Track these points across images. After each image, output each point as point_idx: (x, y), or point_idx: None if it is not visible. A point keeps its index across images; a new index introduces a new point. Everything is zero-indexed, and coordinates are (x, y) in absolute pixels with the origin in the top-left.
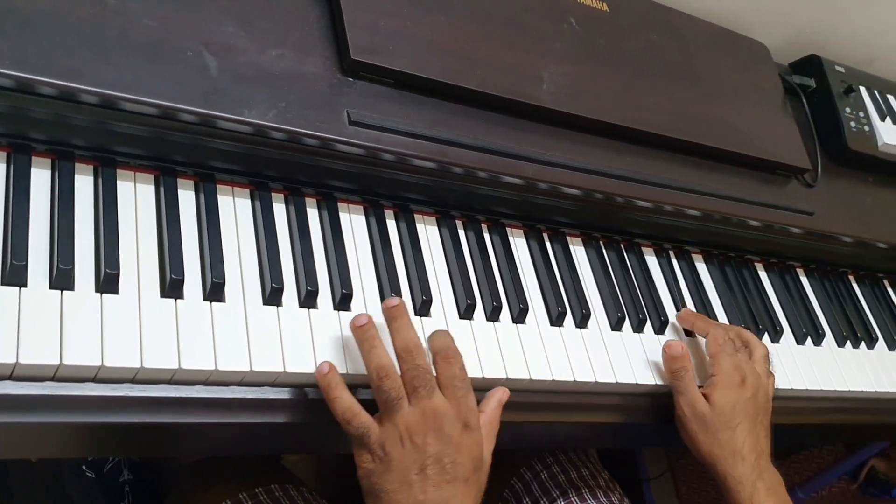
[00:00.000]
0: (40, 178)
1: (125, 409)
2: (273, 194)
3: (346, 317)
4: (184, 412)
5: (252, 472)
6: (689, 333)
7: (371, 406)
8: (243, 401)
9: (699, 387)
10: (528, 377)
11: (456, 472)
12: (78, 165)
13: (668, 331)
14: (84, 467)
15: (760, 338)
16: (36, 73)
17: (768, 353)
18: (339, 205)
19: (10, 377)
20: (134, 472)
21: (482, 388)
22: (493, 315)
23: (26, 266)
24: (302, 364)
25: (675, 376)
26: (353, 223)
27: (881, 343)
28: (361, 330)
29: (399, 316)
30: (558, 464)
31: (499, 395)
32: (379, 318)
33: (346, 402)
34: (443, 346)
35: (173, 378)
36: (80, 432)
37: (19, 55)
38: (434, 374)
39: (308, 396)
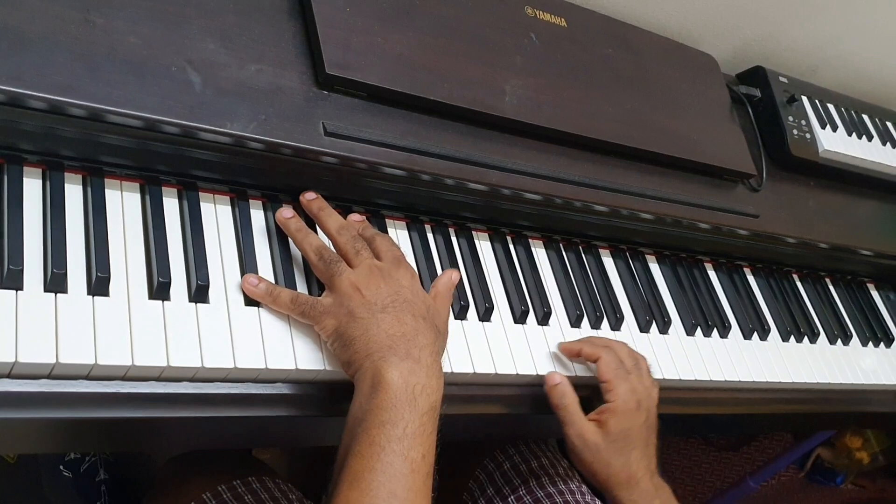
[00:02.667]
0: (32, 188)
1: (116, 405)
2: (252, 201)
3: None
4: (172, 407)
5: (229, 467)
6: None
7: None
8: (228, 396)
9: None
10: (493, 371)
11: (415, 310)
12: (67, 175)
13: (623, 327)
14: (61, 467)
15: (709, 334)
16: (31, 88)
17: (647, 363)
18: None
19: (9, 375)
20: (110, 472)
21: (451, 382)
22: (460, 314)
23: (22, 271)
24: (282, 360)
25: (558, 407)
26: None
27: (822, 337)
28: (292, 221)
29: (324, 205)
30: (520, 454)
31: (449, 273)
32: None
33: (287, 293)
34: (376, 231)
35: (162, 375)
36: (74, 427)
37: (14, 72)
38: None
39: (290, 392)
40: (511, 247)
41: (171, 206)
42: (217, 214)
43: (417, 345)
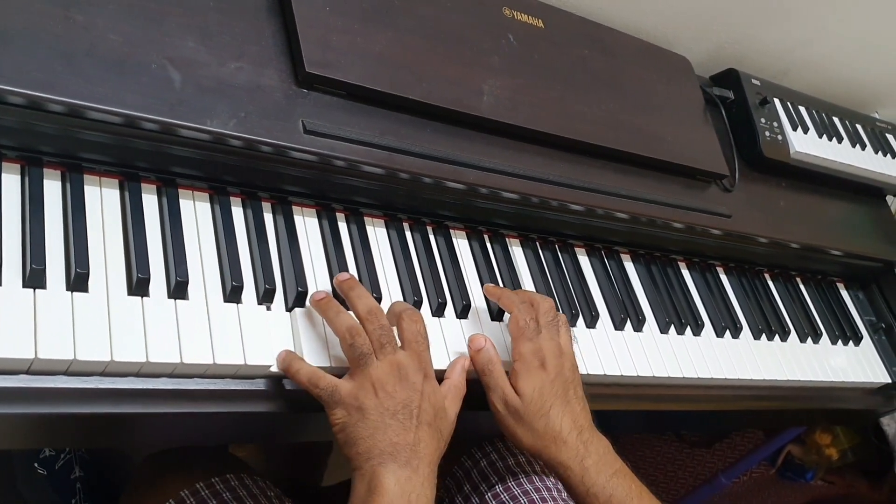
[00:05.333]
0: (11, 183)
1: (96, 400)
2: (231, 198)
3: (301, 313)
4: (151, 403)
5: (207, 464)
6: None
7: None
8: (207, 392)
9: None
10: (470, 368)
11: (422, 417)
12: (46, 171)
13: (598, 325)
14: (36, 465)
15: (683, 332)
16: (10, 84)
17: (565, 318)
18: (294, 208)
19: None
20: (85, 469)
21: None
22: (438, 311)
23: (0, 266)
24: (261, 357)
25: (483, 371)
26: (307, 225)
27: (793, 335)
28: (324, 302)
29: (356, 285)
30: (497, 451)
31: (461, 362)
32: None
33: (308, 370)
34: (406, 307)
35: (141, 371)
36: (51, 423)
37: None
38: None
39: (269, 388)
40: (488, 245)
41: (150, 202)
42: (196, 211)
43: (418, 455)
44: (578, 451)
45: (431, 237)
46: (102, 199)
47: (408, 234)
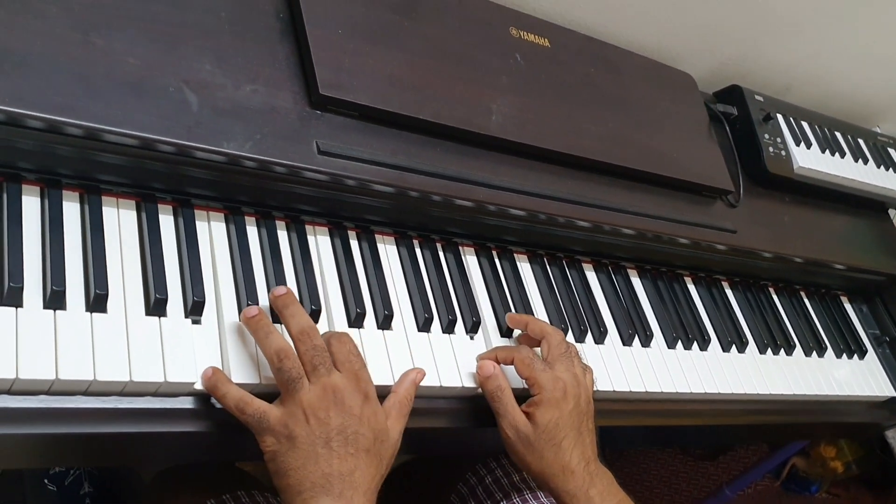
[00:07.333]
0: (31, 205)
1: (114, 420)
2: (246, 218)
3: None
4: (169, 422)
5: (217, 480)
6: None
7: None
8: (225, 410)
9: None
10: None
11: (359, 444)
12: (65, 193)
13: (607, 340)
14: (46, 481)
15: (690, 347)
16: (31, 108)
17: (576, 350)
18: (307, 227)
19: (9, 391)
20: (94, 485)
21: (440, 395)
22: (448, 328)
23: (22, 288)
24: None
25: (493, 398)
26: (320, 244)
27: (798, 349)
28: (255, 320)
29: (292, 302)
30: (502, 468)
31: (412, 376)
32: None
33: (236, 394)
34: (332, 333)
35: (159, 391)
36: (69, 442)
37: (15, 92)
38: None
39: None
40: (497, 261)
41: (166, 222)
42: (211, 231)
43: (353, 485)
44: (585, 481)
45: (441, 254)
46: (120, 221)
47: (418, 251)
